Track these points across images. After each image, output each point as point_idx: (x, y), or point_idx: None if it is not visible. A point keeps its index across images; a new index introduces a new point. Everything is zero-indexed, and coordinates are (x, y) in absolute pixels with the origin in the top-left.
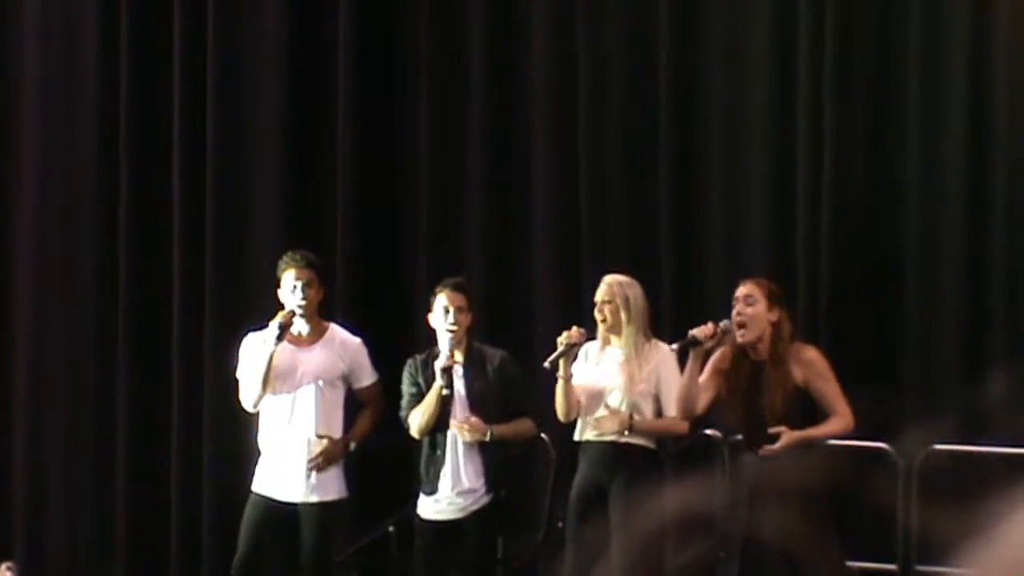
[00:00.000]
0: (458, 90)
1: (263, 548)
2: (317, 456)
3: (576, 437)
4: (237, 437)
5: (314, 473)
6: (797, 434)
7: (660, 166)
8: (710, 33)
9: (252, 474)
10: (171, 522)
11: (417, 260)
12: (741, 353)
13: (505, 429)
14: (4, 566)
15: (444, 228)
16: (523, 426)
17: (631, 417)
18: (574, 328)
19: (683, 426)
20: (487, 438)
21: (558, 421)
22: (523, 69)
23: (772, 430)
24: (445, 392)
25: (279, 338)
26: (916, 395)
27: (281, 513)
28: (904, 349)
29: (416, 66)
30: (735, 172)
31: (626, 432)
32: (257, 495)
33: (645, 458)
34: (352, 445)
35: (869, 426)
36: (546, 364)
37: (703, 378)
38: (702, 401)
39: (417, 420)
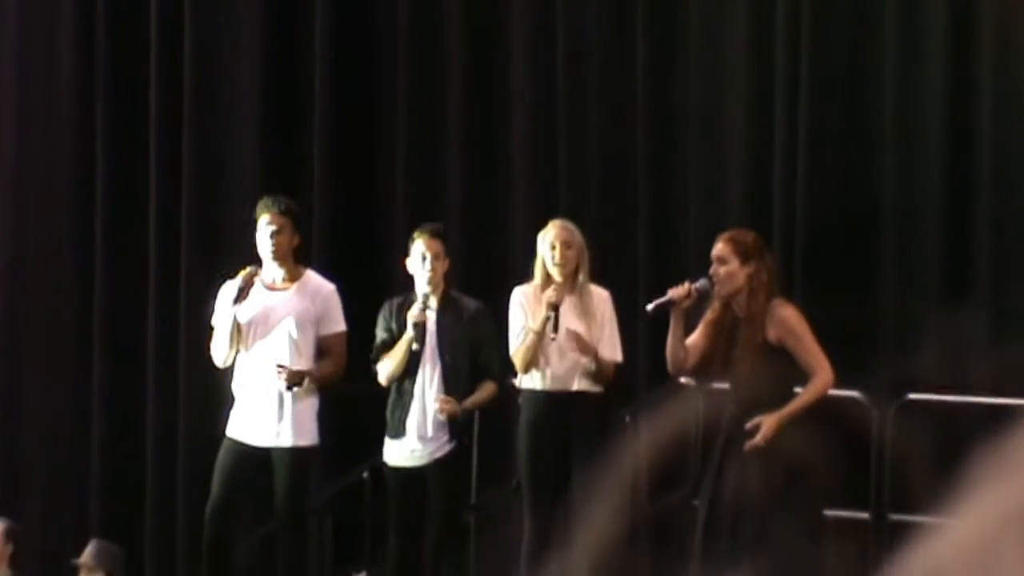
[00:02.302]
0: (437, 40)
1: (236, 493)
2: (285, 375)
3: (527, 385)
4: (212, 382)
5: (287, 418)
6: (775, 418)
7: (638, 120)
8: None
9: (226, 419)
10: (146, 467)
11: (395, 204)
12: (726, 306)
13: (474, 400)
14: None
15: (422, 172)
16: (488, 392)
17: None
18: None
19: (612, 370)
20: (460, 415)
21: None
22: (504, 17)
23: (749, 424)
24: (415, 347)
25: (237, 300)
26: (891, 344)
27: (254, 458)
28: (879, 298)
29: (393, 9)
30: (711, 124)
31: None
32: (231, 440)
33: (599, 405)
34: (306, 382)
35: (844, 374)
36: (535, 328)
37: (697, 332)
38: (691, 358)
39: (386, 368)
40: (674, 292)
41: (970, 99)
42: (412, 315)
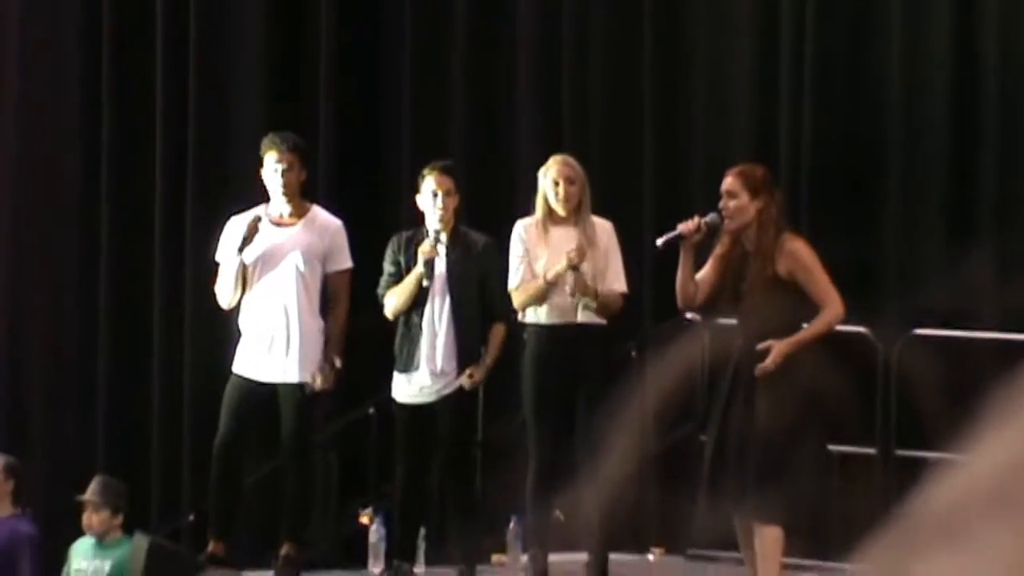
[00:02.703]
0: None
1: (244, 428)
2: (319, 385)
3: (530, 319)
4: (218, 318)
5: (294, 354)
6: (786, 344)
7: (643, 56)
8: None
9: (233, 355)
10: (153, 403)
11: (401, 141)
12: (736, 240)
13: (492, 354)
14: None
15: (427, 106)
16: (500, 337)
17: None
18: (574, 251)
19: (620, 301)
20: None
21: None
22: None
23: (761, 346)
24: (426, 284)
25: (242, 247)
26: (897, 280)
27: (261, 394)
28: (884, 234)
29: None
30: (717, 61)
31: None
32: (238, 376)
33: (603, 338)
34: (337, 362)
35: (850, 310)
36: (549, 277)
37: (707, 267)
38: (701, 292)
39: (392, 302)
40: (684, 226)
41: (975, 39)
42: (423, 251)
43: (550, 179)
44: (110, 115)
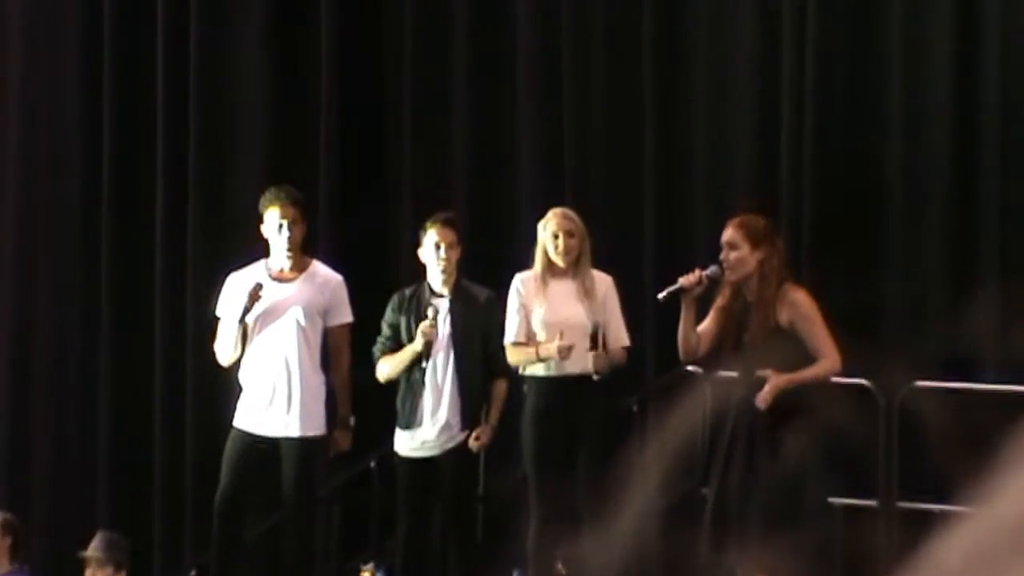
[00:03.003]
0: (444, 36)
1: (245, 483)
2: (340, 447)
3: (531, 371)
4: (219, 372)
5: (296, 409)
6: (785, 377)
7: (645, 108)
8: None
9: (234, 409)
10: (154, 457)
11: (402, 195)
12: (736, 291)
13: (495, 412)
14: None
15: (429, 163)
16: (503, 393)
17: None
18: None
19: (624, 356)
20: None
21: None
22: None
23: (760, 372)
24: (424, 365)
25: (243, 317)
26: (898, 332)
27: (263, 448)
28: (886, 285)
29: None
30: (717, 113)
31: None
32: (239, 430)
33: (604, 392)
34: (351, 420)
35: (851, 363)
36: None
37: (708, 319)
38: (703, 344)
39: (385, 370)
40: (685, 279)
41: (976, 85)
42: (423, 331)
43: (549, 232)
44: (109, 173)
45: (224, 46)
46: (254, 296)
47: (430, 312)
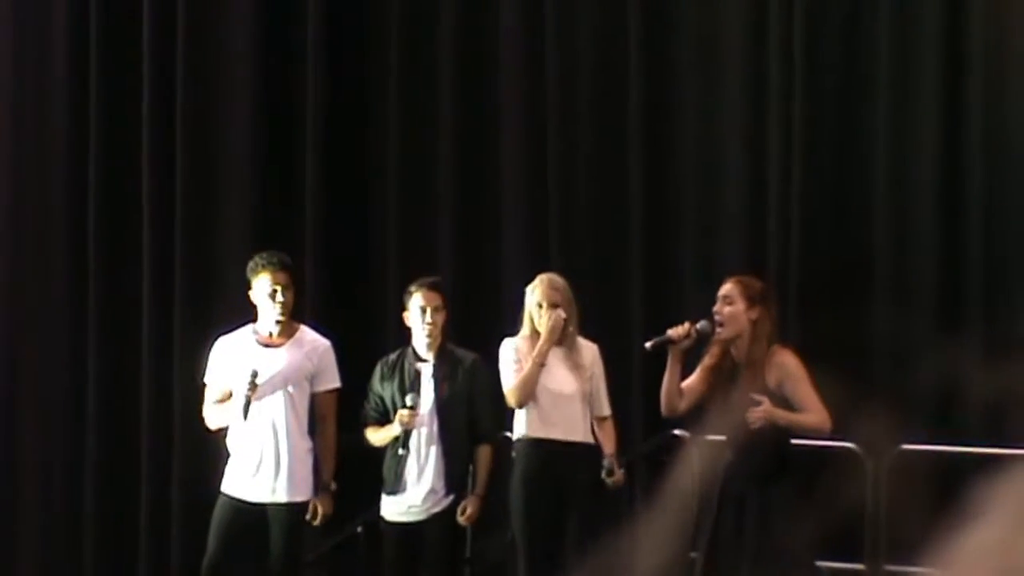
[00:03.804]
0: (428, 93)
1: (232, 549)
2: (321, 513)
3: (519, 434)
4: (206, 437)
5: (283, 475)
6: (778, 411)
7: (630, 161)
8: (681, 17)
9: (221, 474)
10: (140, 523)
11: (387, 260)
12: (725, 351)
13: (482, 481)
14: None
15: (414, 227)
16: (487, 461)
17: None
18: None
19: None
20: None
21: None
22: (494, 65)
23: (754, 395)
24: (401, 452)
25: (248, 400)
26: (885, 396)
27: (250, 514)
28: (873, 345)
29: (385, 64)
30: (705, 173)
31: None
32: (226, 496)
33: (593, 455)
34: (333, 486)
35: (838, 425)
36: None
37: (694, 376)
38: (686, 400)
39: (371, 440)
40: (674, 331)
41: (961, 142)
42: (401, 420)
43: (535, 300)
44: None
45: (212, 91)
46: (251, 395)
47: (409, 399)
